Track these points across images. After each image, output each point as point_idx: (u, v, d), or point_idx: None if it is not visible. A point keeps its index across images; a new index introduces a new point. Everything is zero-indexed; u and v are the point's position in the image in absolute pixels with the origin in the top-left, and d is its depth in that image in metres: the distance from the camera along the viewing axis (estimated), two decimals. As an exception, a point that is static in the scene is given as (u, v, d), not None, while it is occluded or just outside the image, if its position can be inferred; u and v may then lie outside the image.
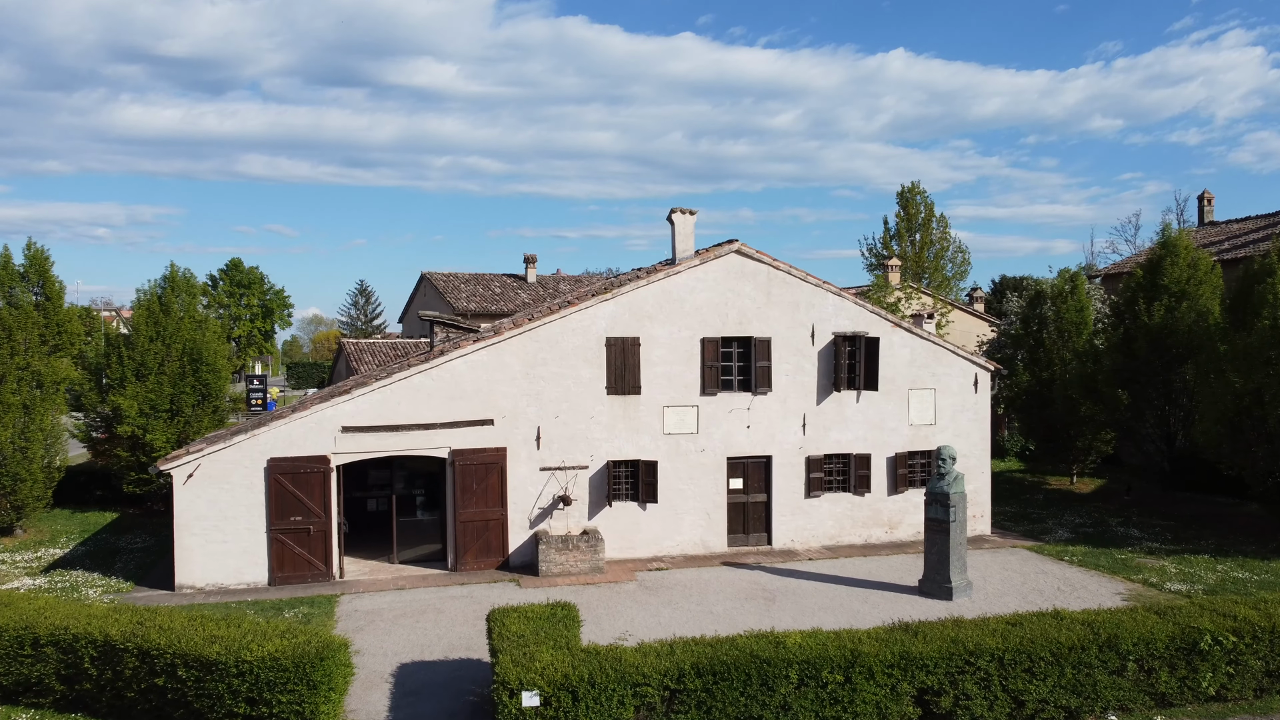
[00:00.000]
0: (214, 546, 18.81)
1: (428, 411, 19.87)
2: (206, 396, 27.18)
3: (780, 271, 21.83)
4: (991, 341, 38.21)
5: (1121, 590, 18.21)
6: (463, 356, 20.08)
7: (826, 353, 22.12)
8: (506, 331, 20.34)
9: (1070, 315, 29.99)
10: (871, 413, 22.44)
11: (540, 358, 20.52)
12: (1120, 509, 26.50)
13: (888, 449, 22.57)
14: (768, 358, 21.71)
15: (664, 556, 21.11)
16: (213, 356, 27.30)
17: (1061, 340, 30.07)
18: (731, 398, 21.61)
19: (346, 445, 19.44)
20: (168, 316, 27.04)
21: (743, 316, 21.64)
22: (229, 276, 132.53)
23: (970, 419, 23.16)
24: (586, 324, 20.78)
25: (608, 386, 20.85)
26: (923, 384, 22.80)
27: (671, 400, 21.24)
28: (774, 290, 21.82)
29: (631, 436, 21.01)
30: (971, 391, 23.16)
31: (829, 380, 22.14)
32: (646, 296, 21.11)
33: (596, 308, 20.81)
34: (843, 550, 21.83)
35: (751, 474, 21.87)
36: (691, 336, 21.34)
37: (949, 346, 23.02)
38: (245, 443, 18.94)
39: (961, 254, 77.68)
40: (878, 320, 22.46)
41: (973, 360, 23.17)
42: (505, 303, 47.90)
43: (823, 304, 22.12)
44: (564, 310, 20.62)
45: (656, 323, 21.17)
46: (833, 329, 22.15)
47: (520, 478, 20.41)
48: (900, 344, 22.66)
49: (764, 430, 21.76)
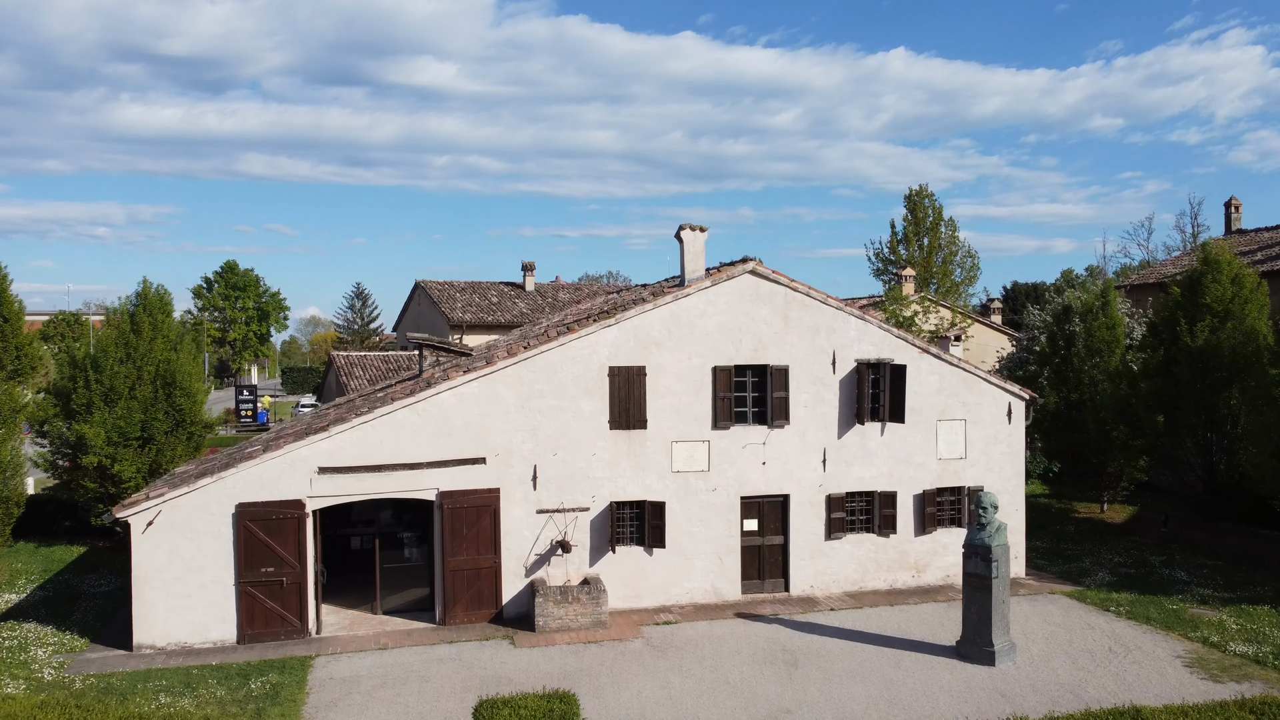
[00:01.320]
0: (177, 601, 17.01)
1: (413, 449, 18.09)
2: (180, 422, 25.38)
3: (799, 294, 20.04)
4: (1011, 356, 36.44)
5: (1181, 652, 16.43)
6: (451, 389, 18.29)
7: (848, 381, 20.33)
8: (499, 361, 18.55)
9: (1101, 333, 28.20)
10: (897, 446, 20.66)
11: (537, 389, 18.74)
12: (1159, 544, 24.71)
13: (914, 486, 20.78)
14: (785, 387, 19.93)
15: (672, 606, 19.32)
16: (187, 379, 25.49)
17: (1092, 360, 28.27)
18: (745, 431, 19.83)
19: (324, 488, 17.66)
20: (139, 337, 25.24)
21: (758, 343, 19.85)
22: (224, 279, 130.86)
23: (1004, 452, 21.37)
24: (587, 352, 19.00)
25: (611, 420, 19.07)
26: (952, 414, 21.01)
27: (680, 435, 19.46)
28: (792, 314, 20.03)
29: (637, 475, 19.23)
30: (1005, 422, 21.37)
31: (851, 411, 20.35)
32: (653, 321, 19.32)
33: (598, 334, 19.03)
34: (866, 597, 20.04)
35: (767, 514, 20.09)
36: (702, 365, 19.56)
37: (980, 373, 21.23)
38: (211, 486, 17.15)
39: (971, 258, 76.07)
40: (904, 345, 20.67)
41: (1006, 388, 21.38)
42: (502, 313, 46.17)
43: (845, 328, 20.33)
44: (562, 338, 18.84)
45: (664, 350, 19.38)
46: (855, 355, 20.36)
47: (515, 521, 18.63)
48: (928, 371, 20.87)
49: (781, 467, 19.98)
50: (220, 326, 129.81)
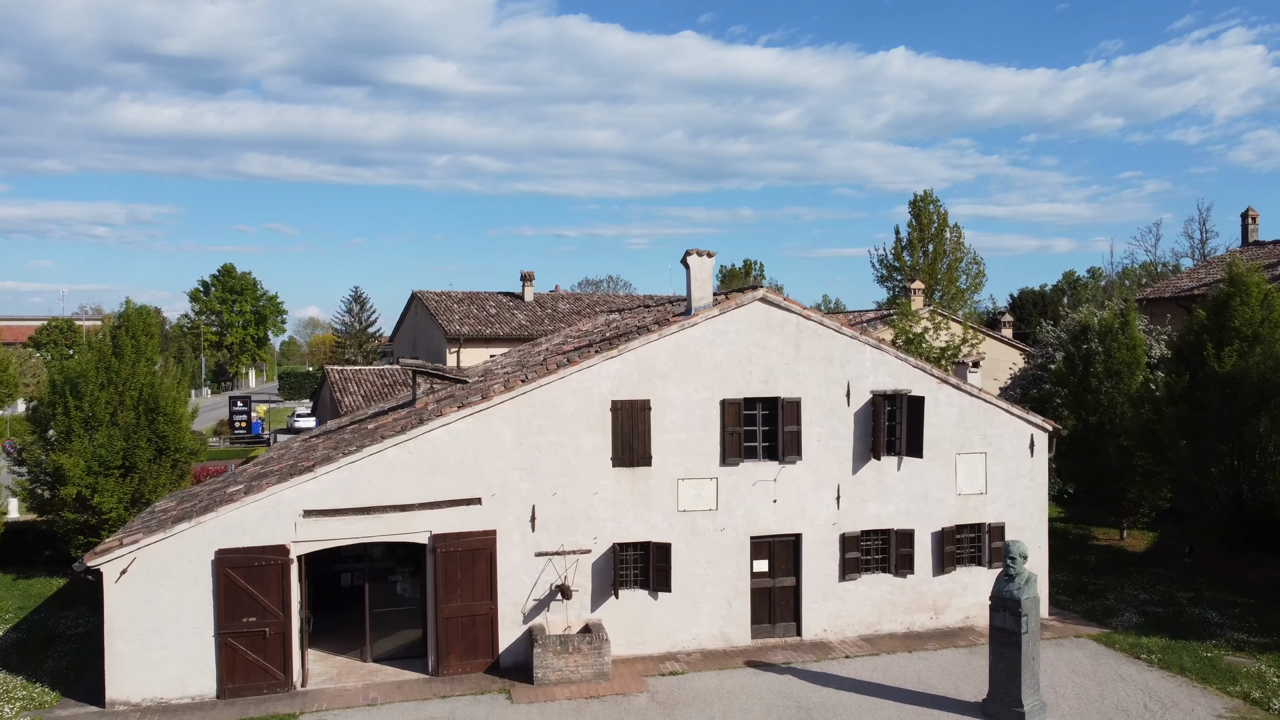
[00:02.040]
0: (152, 654, 15.98)
1: (404, 490, 17.07)
2: (164, 450, 24.35)
3: (811, 322, 19.01)
4: (1025, 373, 35.41)
5: (1221, 710, 15.40)
6: (445, 425, 17.26)
7: (864, 414, 19.31)
8: (496, 395, 17.53)
9: (1121, 354, 27.17)
10: (915, 482, 19.64)
11: (535, 425, 17.72)
12: (1185, 577, 23.69)
13: (933, 523, 19.76)
14: (797, 421, 18.90)
15: (678, 653, 18.29)
16: (171, 404, 24.46)
17: (1112, 382, 27.25)
18: (755, 467, 18.81)
19: (309, 532, 16.63)
20: (120, 360, 24.21)
21: (768, 374, 18.83)
22: (221, 282, 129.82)
23: (1026, 487, 20.34)
24: (589, 385, 17.97)
25: (614, 457, 18.05)
26: (972, 447, 19.99)
27: (687, 472, 18.44)
28: (804, 344, 19.01)
29: (641, 515, 18.20)
30: (1027, 455, 20.35)
31: (866, 445, 19.33)
32: (658, 353, 18.29)
33: (600, 366, 18.00)
34: (883, 642, 19.01)
35: (778, 555, 19.07)
36: (710, 398, 18.54)
37: (1002, 404, 20.20)
38: (189, 532, 16.12)
39: (976, 265, 75.20)
40: (921, 376, 19.64)
41: (1028, 420, 20.35)
42: (501, 325, 45.15)
43: (859, 358, 19.31)
44: (562, 370, 17.81)
45: (669, 383, 18.36)
46: (871, 387, 19.34)
47: (512, 565, 17.60)
48: (947, 402, 19.85)
49: (792, 504, 18.96)
50: (217, 330, 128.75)
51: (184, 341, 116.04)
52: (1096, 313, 32.98)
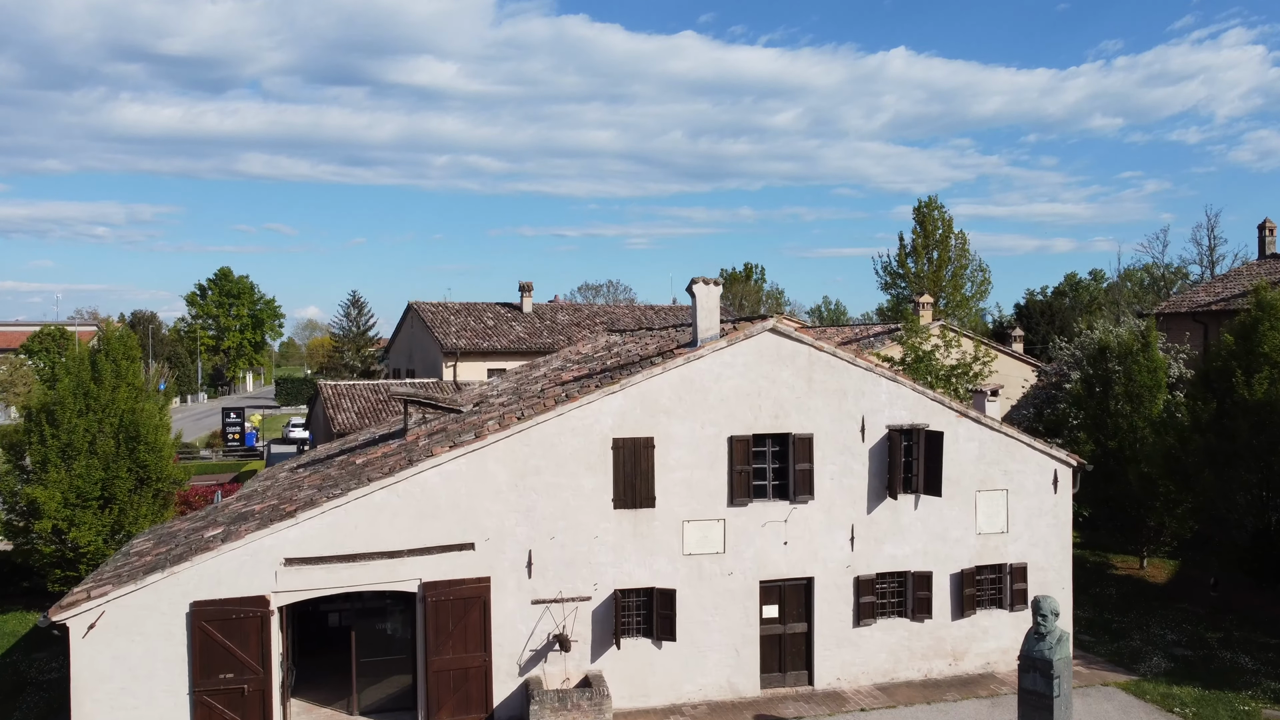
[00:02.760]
0: (122, 714, 14.93)
1: (392, 535, 16.04)
2: (145, 480, 23.33)
3: (824, 354, 18.00)
4: (1038, 391, 34.38)
5: (1266, 777, 14.39)
6: (435, 467, 16.23)
7: (879, 450, 18.29)
8: (490, 433, 16.50)
9: (1143, 378, 26.14)
10: (933, 521, 18.61)
11: (532, 465, 16.69)
12: (1212, 614, 22.67)
13: (952, 564, 18.74)
14: (809, 458, 17.88)
15: (684, 706, 17.27)
16: (152, 432, 23.43)
17: (1132, 405, 26.22)
18: (765, 508, 17.78)
19: (291, 581, 15.60)
20: (100, 386, 23.19)
21: (779, 409, 17.81)
22: (218, 286, 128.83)
23: (1049, 525, 19.33)
24: (589, 423, 16.95)
25: (615, 498, 17.03)
26: (993, 484, 18.97)
27: (692, 513, 17.41)
28: (816, 376, 17.99)
29: (644, 559, 17.18)
30: (1050, 491, 19.33)
31: (882, 483, 18.31)
32: (662, 387, 17.27)
33: (600, 402, 16.97)
34: (899, 691, 17.98)
35: (789, 599, 18.05)
36: (717, 435, 17.51)
37: (1024, 438, 19.19)
38: (162, 583, 15.08)
39: (982, 272, 74.20)
40: (940, 409, 18.62)
41: (1052, 454, 19.33)
42: (499, 337, 44.16)
43: (875, 392, 18.29)
44: (560, 406, 16.78)
45: (674, 419, 17.33)
46: (887, 421, 18.32)
47: (507, 613, 16.58)
48: (966, 436, 18.83)
49: (804, 546, 17.94)
50: (214, 335, 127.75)
51: (180, 346, 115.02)
52: (1114, 330, 31.96)
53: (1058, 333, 57.91)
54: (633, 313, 49.71)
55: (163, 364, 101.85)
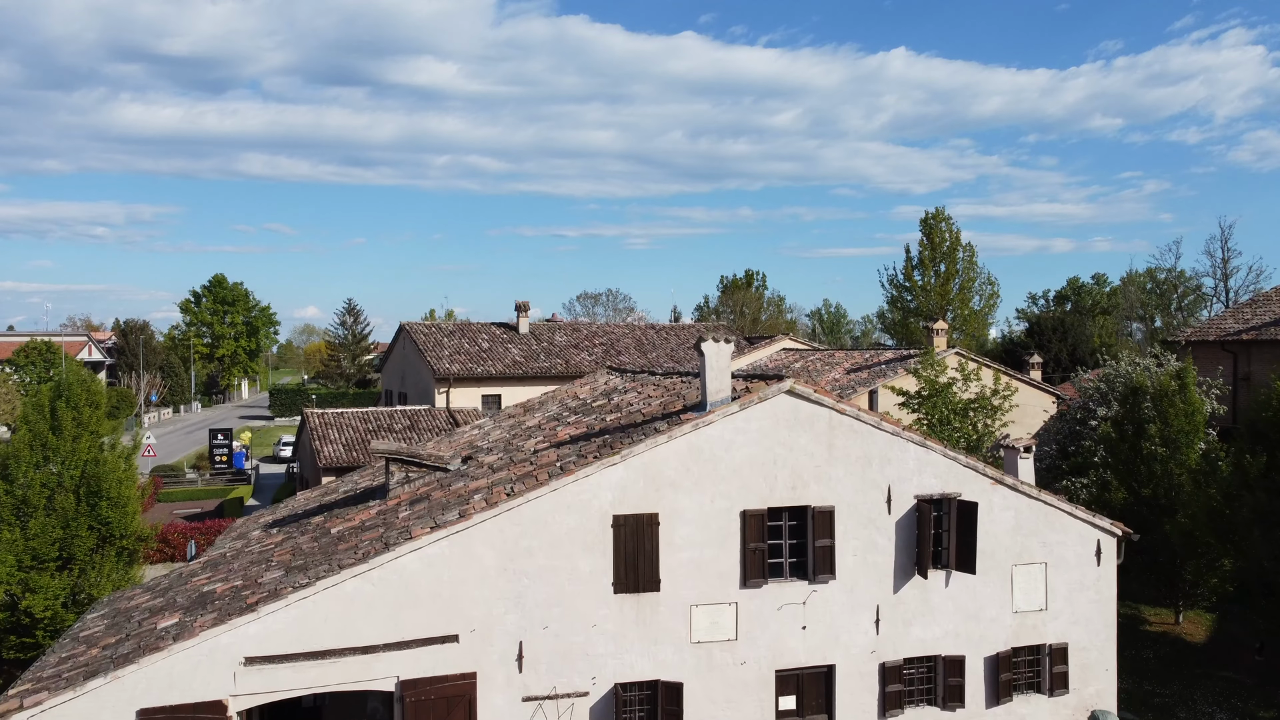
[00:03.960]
0: (59, 837, 13.24)
1: (367, 628, 14.34)
2: (108, 538, 21.63)
3: (846, 418, 16.29)
4: (1062, 427, 32.66)
5: None
6: (414, 551, 14.53)
7: (906, 523, 16.60)
8: (476, 512, 14.79)
9: (1179, 422, 24.45)
10: (965, 599, 16.93)
11: (523, 546, 14.99)
12: (1261, 687, 21.00)
13: (986, 646, 17.05)
14: (829, 533, 16.18)
15: (692, 812, 15.57)
16: (115, 486, 21.71)
17: (1167, 449, 24.53)
18: (781, 589, 16.09)
19: (252, 683, 13.89)
20: (59, 436, 21.49)
21: (797, 479, 16.11)
22: (212, 293, 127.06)
23: (1091, 601, 17.64)
24: (586, 498, 15.25)
25: (615, 582, 15.33)
26: (1030, 557, 17.29)
27: (701, 597, 15.71)
28: (837, 442, 16.29)
29: (648, 649, 15.48)
30: (1092, 564, 17.66)
31: (910, 559, 16.62)
32: (667, 457, 15.57)
33: (599, 475, 15.27)
34: (929, 790, 16.30)
35: (808, 690, 16.34)
36: (728, 508, 15.82)
37: (1064, 506, 17.50)
38: (105, 689, 13.37)
39: (990, 285, 72.52)
40: (973, 476, 16.93)
41: (1094, 523, 17.65)
42: (494, 361, 42.49)
43: (901, 458, 16.59)
44: (555, 481, 15.07)
45: (681, 492, 15.64)
46: (915, 490, 16.63)
47: (496, 712, 14.87)
48: (1001, 506, 17.14)
49: (824, 630, 16.24)
50: (209, 342, 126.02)
51: (174, 355, 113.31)
52: (1142, 363, 30.30)
53: (1070, 351, 56.34)
54: (633, 333, 48.04)
55: (155, 374, 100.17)
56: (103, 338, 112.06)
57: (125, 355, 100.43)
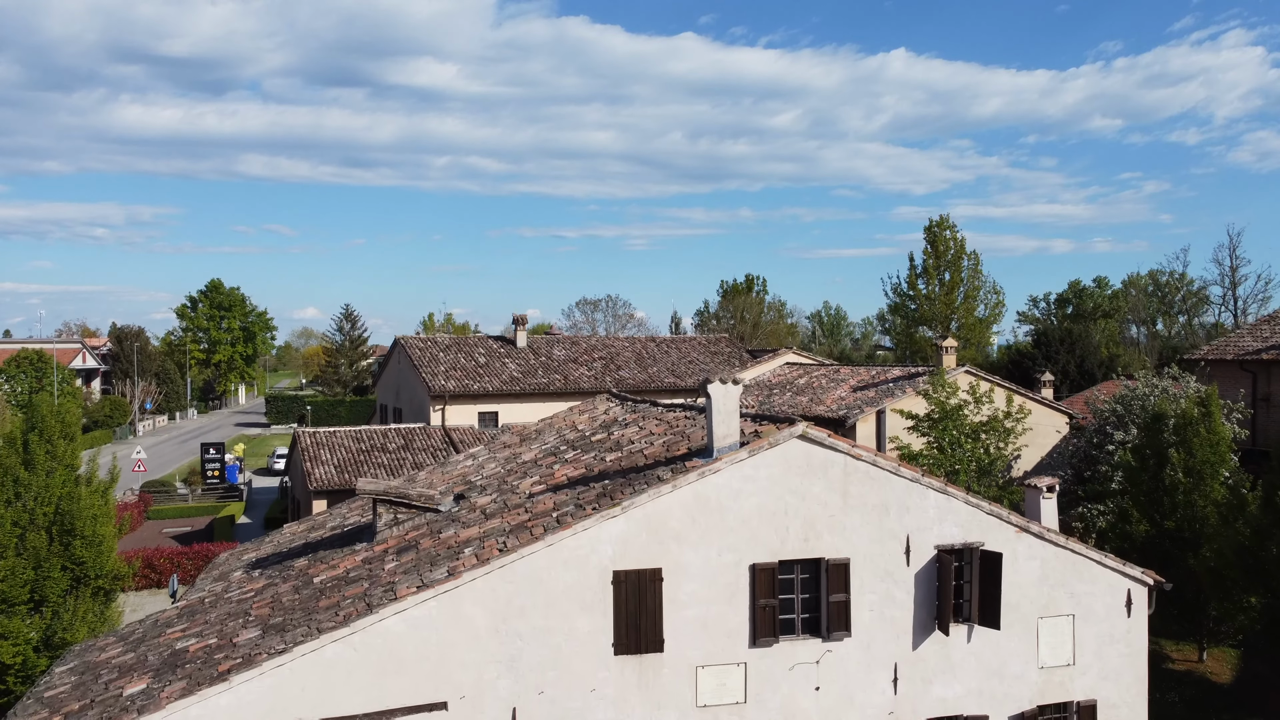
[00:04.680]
0: None
1: (348, 696, 13.30)
2: (82, 579, 20.60)
3: (862, 463, 15.27)
4: (1077, 450, 31.64)
5: None
6: (399, 613, 13.50)
7: (926, 575, 15.57)
8: (466, 570, 13.76)
9: (1203, 453, 23.43)
10: (988, 655, 15.90)
11: (517, 605, 13.96)
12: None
13: (1010, 704, 16.02)
14: (844, 587, 15.16)
15: None
16: (90, 524, 20.67)
17: (1191, 480, 23.51)
18: (793, 647, 15.05)
19: (222, 758, 12.87)
20: (31, 471, 20.46)
21: (809, 529, 15.08)
22: (209, 298, 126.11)
23: (1121, 654, 16.63)
24: (584, 553, 14.22)
25: (616, 642, 14.30)
26: (1057, 609, 16.27)
27: (708, 657, 14.68)
28: (853, 489, 15.26)
29: (650, 713, 14.45)
30: (1122, 615, 16.64)
31: (929, 614, 15.59)
32: (671, 508, 14.54)
33: (598, 528, 14.25)
34: None
35: (821, 755, 15.31)
36: (736, 562, 14.79)
37: (1093, 555, 16.48)
38: (62, 768, 12.37)
39: (995, 295, 71.56)
40: (997, 524, 15.91)
41: (1125, 572, 16.63)
42: (491, 378, 41.47)
43: (921, 505, 15.56)
44: (550, 535, 14.05)
45: (686, 545, 14.61)
46: (935, 540, 15.61)
47: (487, 784, 13.86)
48: (1026, 555, 16.11)
49: (839, 691, 15.20)
50: (205, 348, 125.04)
51: (169, 361, 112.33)
52: (1159, 384, 29.30)
53: (1078, 363, 55.36)
54: (633, 347, 47.01)
55: (150, 381, 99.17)
56: (97, 344, 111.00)
57: (120, 362, 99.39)
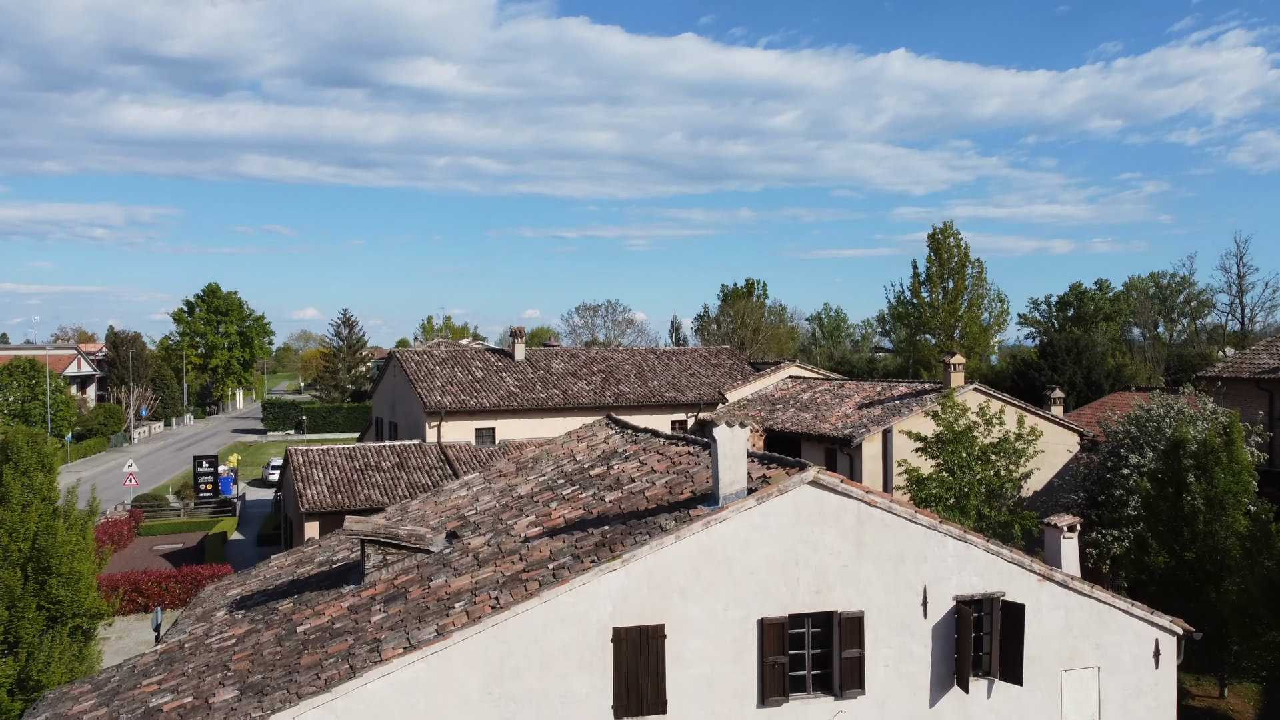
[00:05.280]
0: None
1: (330, 766, 12.46)
2: (58, 618, 19.74)
3: (877, 510, 14.42)
4: (1091, 473, 30.78)
5: None
6: (385, 676, 12.65)
7: (944, 628, 14.72)
8: (457, 629, 12.91)
9: (1225, 483, 22.57)
10: (1009, 711, 15.05)
11: (511, 666, 13.11)
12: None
13: (1032, 763, 15.18)
14: (858, 642, 14.31)
15: None
16: (67, 562, 19.82)
17: (1212, 511, 22.66)
18: (804, 706, 14.20)
19: (195, 834, 12.02)
20: (6, 506, 19.61)
21: (821, 581, 14.23)
22: (206, 302, 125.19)
23: (1149, 708, 15.77)
24: (582, 609, 13.37)
25: (616, 704, 13.46)
26: (1082, 661, 15.42)
27: (713, 718, 13.83)
28: (867, 538, 14.41)
29: (652, 779, 13.61)
30: (1150, 666, 15.78)
31: (948, 668, 14.74)
32: (675, 559, 13.69)
33: (596, 582, 13.39)
34: None
35: (834, 820, 14.46)
36: (743, 617, 13.94)
37: (1119, 604, 15.63)
38: None
39: (1000, 302, 70.75)
40: (1019, 573, 15.06)
41: (1153, 621, 15.78)
42: (488, 393, 40.60)
43: (939, 554, 14.71)
44: (546, 591, 13.19)
45: (690, 599, 13.76)
46: (954, 591, 14.75)
47: None
48: (1050, 605, 15.26)
49: (852, 752, 14.36)
50: (202, 353, 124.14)
51: (166, 366, 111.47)
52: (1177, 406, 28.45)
53: (1085, 374, 54.51)
54: (633, 359, 46.15)
55: (146, 387, 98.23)
56: (93, 350, 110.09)
57: (116, 368, 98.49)
